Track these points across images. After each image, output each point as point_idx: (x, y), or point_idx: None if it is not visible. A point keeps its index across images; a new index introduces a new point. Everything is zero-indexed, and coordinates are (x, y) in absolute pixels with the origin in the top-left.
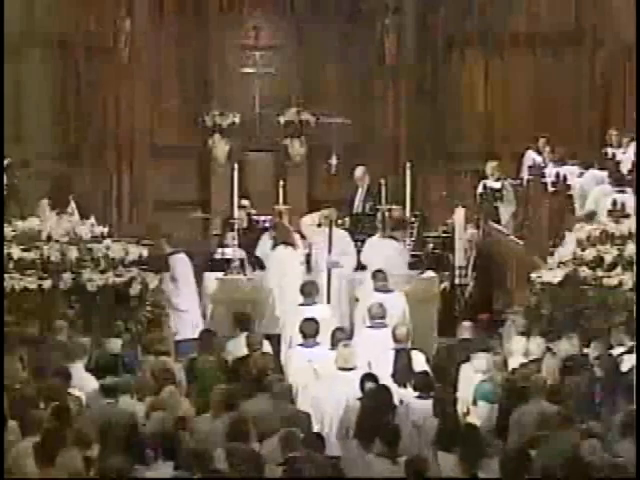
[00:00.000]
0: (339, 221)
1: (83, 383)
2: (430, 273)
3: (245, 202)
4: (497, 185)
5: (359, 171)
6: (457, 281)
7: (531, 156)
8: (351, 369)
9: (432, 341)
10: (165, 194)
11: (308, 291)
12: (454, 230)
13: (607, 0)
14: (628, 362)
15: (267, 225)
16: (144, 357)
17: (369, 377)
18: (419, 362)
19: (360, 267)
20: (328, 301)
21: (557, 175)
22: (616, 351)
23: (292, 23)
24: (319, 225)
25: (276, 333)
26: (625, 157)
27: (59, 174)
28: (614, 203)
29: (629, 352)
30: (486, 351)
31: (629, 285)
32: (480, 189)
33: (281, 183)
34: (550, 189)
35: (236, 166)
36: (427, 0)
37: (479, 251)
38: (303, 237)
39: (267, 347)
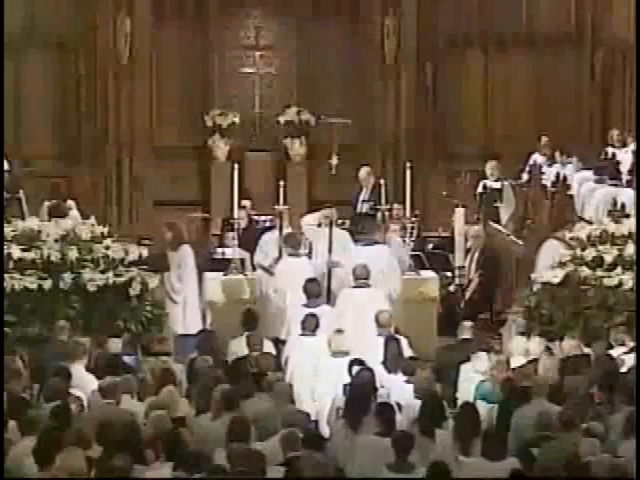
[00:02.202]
0: (339, 221)
1: (83, 383)
2: (430, 273)
3: (245, 202)
4: (497, 185)
5: (363, 171)
6: (457, 281)
7: (532, 156)
8: (344, 354)
9: (432, 341)
10: (165, 194)
11: (291, 244)
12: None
13: (607, 0)
14: (628, 362)
15: (267, 225)
16: (144, 357)
17: (356, 362)
18: (406, 347)
19: None
20: (327, 301)
21: (557, 175)
22: (616, 351)
23: (292, 23)
24: (319, 225)
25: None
26: (625, 157)
27: (56, 180)
28: (614, 203)
29: (629, 352)
30: (486, 351)
31: (629, 285)
32: (480, 189)
33: (281, 183)
34: (550, 189)
35: (236, 166)
36: (427, 0)
37: (481, 250)
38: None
39: (268, 347)
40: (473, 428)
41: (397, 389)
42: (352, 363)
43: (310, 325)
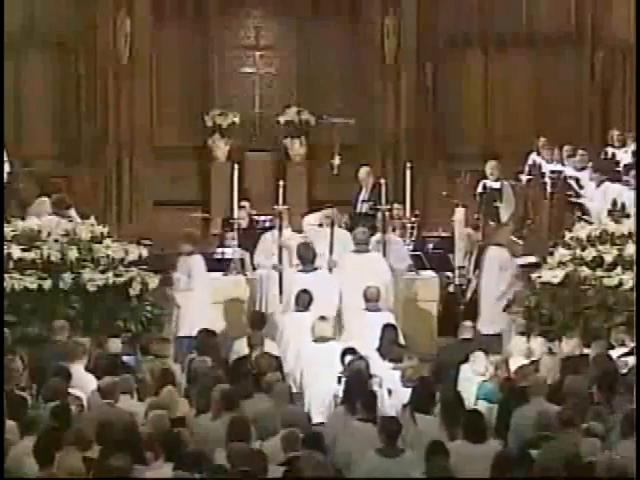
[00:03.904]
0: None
1: (83, 383)
2: (430, 273)
3: (245, 202)
4: (497, 185)
5: (363, 171)
6: (457, 281)
7: (532, 156)
8: (329, 340)
9: (432, 341)
10: (165, 194)
11: None
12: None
13: (607, 0)
14: (630, 363)
15: (267, 225)
16: (144, 357)
17: (349, 351)
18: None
19: None
20: None
21: (557, 175)
22: (616, 351)
23: (292, 23)
24: (320, 225)
25: None
26: (625, 156)
27: (56, 180)
28: (614, 203)
29: (629, 354)
30: (486, 351)
31: (629, 285)
32: (480, 189)
33: (281, 183)
34: (550, 189)
35: (236, 166)
36: (427, 0)
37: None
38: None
39: (269, 347)
40: (458, 414)
41: (387, 376)
42: (344, 353)
43: (303, 301)
